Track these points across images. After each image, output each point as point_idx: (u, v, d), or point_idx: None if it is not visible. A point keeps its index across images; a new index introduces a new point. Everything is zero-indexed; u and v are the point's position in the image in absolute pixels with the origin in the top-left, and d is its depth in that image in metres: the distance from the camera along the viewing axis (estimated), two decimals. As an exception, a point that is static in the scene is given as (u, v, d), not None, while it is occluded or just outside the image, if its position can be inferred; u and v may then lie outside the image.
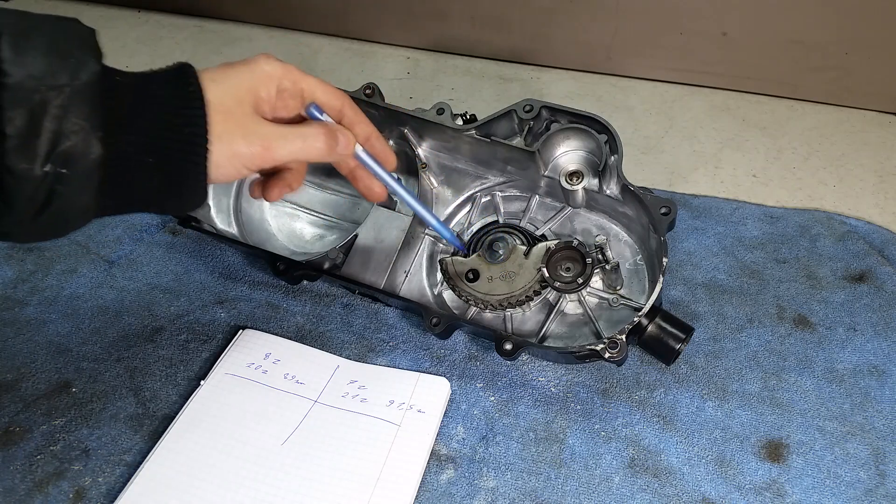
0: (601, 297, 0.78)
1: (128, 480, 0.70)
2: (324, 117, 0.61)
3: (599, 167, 0.77)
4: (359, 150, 0.63)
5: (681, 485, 0.69)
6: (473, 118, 0.82)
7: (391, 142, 0.85)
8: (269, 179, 0.63)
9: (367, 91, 0.83)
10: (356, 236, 0.81)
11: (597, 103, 1.07)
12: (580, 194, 0.80)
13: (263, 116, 0.57)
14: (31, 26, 0.46)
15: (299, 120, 0.62)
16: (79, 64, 0.47)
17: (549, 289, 0.78)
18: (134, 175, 0.50)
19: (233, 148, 0.54)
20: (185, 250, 0.90)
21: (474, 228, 0.84)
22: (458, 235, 0.80)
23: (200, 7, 1.22)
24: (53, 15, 0.48)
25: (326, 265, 0.80)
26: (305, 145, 0.58)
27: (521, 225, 0.83)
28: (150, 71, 0.53)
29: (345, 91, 0.63)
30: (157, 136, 0.50)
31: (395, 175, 0.67)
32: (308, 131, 0.59)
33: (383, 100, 0.84)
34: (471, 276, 0.78)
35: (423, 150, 0.84)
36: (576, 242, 0.77)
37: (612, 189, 0.78)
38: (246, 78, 0.56)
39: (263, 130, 0.56)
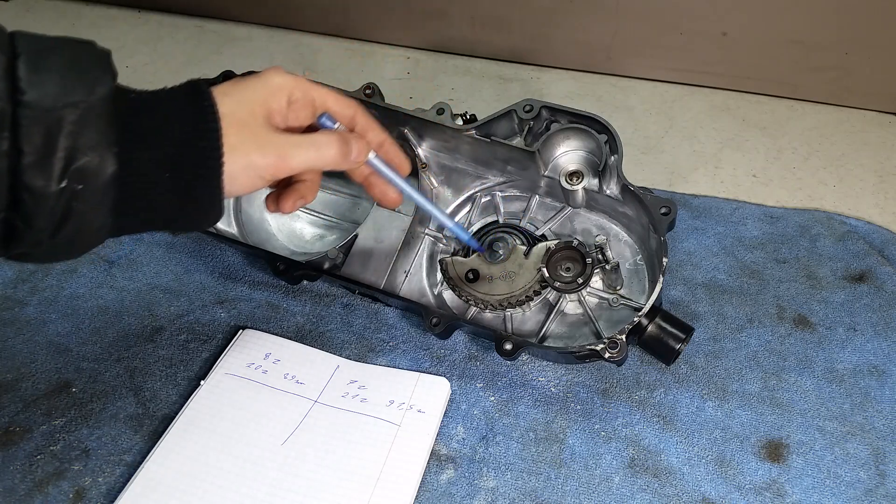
0: (601, 297, 0.78)
1: (128, 480, 0.70)
2: (336, 126, 0.61)
3: (599, 167, 0.77)
4: (372, 156, 0.63)
5: (681, 485, 0.69)
6: (473, 118, 0.82)
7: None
8: (282, 191, 0.63)
9: (367, 91, 0.83)
10: (356, 236, 0.81)
11: (597, 103, 1.07)
12: (580, 194, 0.80)
13: (276, 127, 0.58)
14: (47, 47, 0.47)
15: (311, 130, 0.62)
16: (94, 81, 0.47)
17: (549, 289, 0.78)
18: (149, 191, 0.50)
19: (248, 159, 0.54)
20: (185, 250, 0.90)
21: (474, 228, 0.84)
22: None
23: (200, 7, 1.22)
24: (70, 37, 0.49)
25: (326, 265, 0.80)
26: (319, 153, 0.58)
27: (521, 225, 0.83)
28: (164, 88, 0.53)
29: (355, 98, 0.64)
30: (171, 151, 0.50)
31: (410, 180, 0.67)
32: (321, 139, 0.59)
33: (383, 100, 0.84)
34: (471, 276, 0.78)
35: (423, 150, 0.84)
36: (576, 242, 0.77)
37: (612, 189, 0.78)
38: (257, 90, 0.57)
39: (277, 140, 0.56)
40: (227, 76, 0.87)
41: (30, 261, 0.50)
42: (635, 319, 0.70)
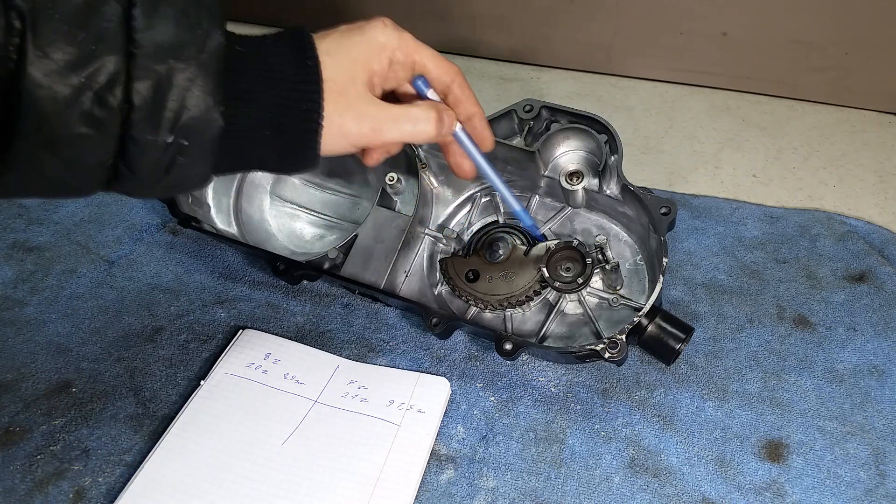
0: (601, 297, 0.78)
1: (128, 480, 0.70)
2: (429, 93, 0.61)
3: (599, 167, 0.77)
4: (458, 129, 0.63)
5: (681, 485, 0.69)
6: (473, 118, 0.82)
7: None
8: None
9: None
10: (356, 236, 0.81)
11: (597, 103, 1.07)
12: (580, 194, 0.80)
13: (374, 90, 0.58)
14: None
15: (402, 96, 0.62)
16: (205, 36, 0.47)
17: (549, 289, 0.78)
18: (251, 145, 0.52)
19: (343, 128, 0.54)
20: (185, 250, 0.90)
21: (474, 228, 0.84)
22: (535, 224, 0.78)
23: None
24: None
25: (326, 265, 0.80)
26: (415, 129, 0.58)
27: (521, 225, 0.83)
28: (270, 36, 0.53)
29: (455, 65, 0.63)
30: (274, 111, 0.51)
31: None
32: (419, 114, 0.59)
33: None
34: (471, 276, 0.78)
35: (423, 150, 0.84)
36: (576, 242, 0.77)
37: (612, 189, 0.78)
38: (361, 50, 0.56)
39: (374, 112, 0.56)
40: None
41: (131, 195, 0.51)
42: (635, 319, 0.70)
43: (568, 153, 0.80)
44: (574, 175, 0.78)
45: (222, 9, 0.50)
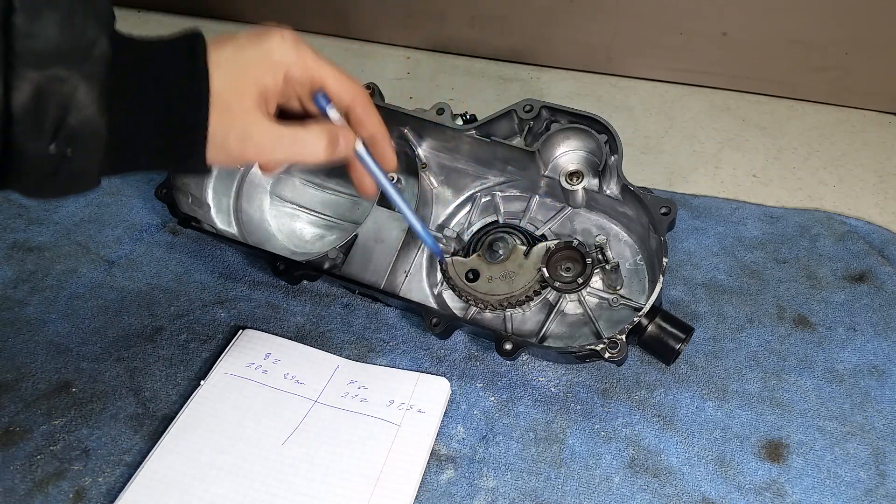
0: (601, 297, 0.78)
1: (128, 480, 0.70)
2: (329, 110, 0.59)
3: (599, 167, 0.77)
4: (359, 147, 0.62)
5: (681, 485, 0.69)
6: (473, 118, 0.82)
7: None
8: None
9: (367, 91, 0.83)
10: (356, 236, 0.81)
11: (597, 103, 1.07)
12: (580, 194, 0.80)
13: (267, 106, 0.56)
14: (45, 1, 0.45)
15: (301, 110, 0.60)
16: (90, 43, 0.46)
17: (549, 289, 0.78)
18: (137, 151, 0.51)
19: (226, 146, 0.53)
20: (185, 250, 0.90)
21: (474, 228, 0.84)
22: (438, 241, 0.77)
23: (200, 7, 1.22)
24: None
25: (326, 265, 0.80)
26: (303, 152, 0.57)
27: (521, 225, 0.83)
28: (163, 40, 0.52)
29: (358, 83, 0.61)
30: (160, 120, 0.50)
31: (393, 176, 0.66)
32: (307, 137, 0.57)
33: (383, 100, 0.84)
34: (471, 276, 0.78)
35: (423, 150, 0.84)
36: (576, 242, 0.77)
37: (612, 189, 0.78)
38: (253, 65, 0.54)
39: (259, 134, 0.55)
40: None
41: (20, 195, 0.50)
42: (635, 319, 0.70)
43: (568, 153, 0.80)
44: (574, 175, 0.78)
45: (111, 10, 0.49)
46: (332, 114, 0.59)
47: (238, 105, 0.53)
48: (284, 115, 0.60)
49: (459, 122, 0.81)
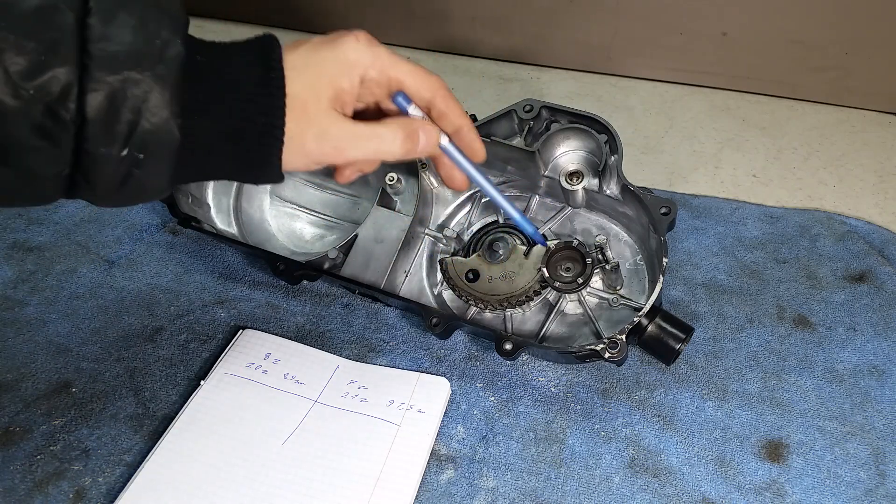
0: (601, 297, 0.78)
1: (128, 480, 0.70)
2: (411, 108, 0.58)
3: (599, 167, 0.77)
4: (444, 141, 0.61)
5: (681, 485, 0.69)
6: (473, 118, 0.82)
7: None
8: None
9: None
10: (356, 236, 0.81)
11: (597, 103, 1.07)
12: (580, 194, 0.80)
13: (343, 108, 0.55)
14: (119, 4, 0.45)
15: (379, 112, 0.60)
16: (164, 45, 0.46)
17: (549, 289, 0.78)
18: (209, 157, 0.50)
19: (304, 147, 0.53)
20: (185, 250, 0.90)
21: (474, 228, 0.84)
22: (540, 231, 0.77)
23: (200, 7, 1.22)
24: None
25: (326, 265, 0.80)
26: (381, 148, 0.56)
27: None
28: (236, 44, 0.52)
29: (437, 77, 0.60)
30: (234, 124, 0.49)
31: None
32: (385, 133, 0.56)
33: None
34: (471, 276, 0.78)
35: (423, 150, 0.84)
36: (576, 242, 0.77)
37: (612, 189, 0.78)
38: (329, 67, 0.54)
39: (337, 131, 0.54)
40: None
41: (88, 202, 0.50)
42: (635, 319, 0.70)
43: (568, 153, 0.80)
44: (574, 175, 0.78)
45: (185, 14, 0.48)
46: (414, 111, 0.59)
47: (315, 106, 0.53)
48: (360, 119, 0.59)
49: (459, 122, 0.81)
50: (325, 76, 0.53)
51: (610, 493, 0.69)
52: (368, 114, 0.60)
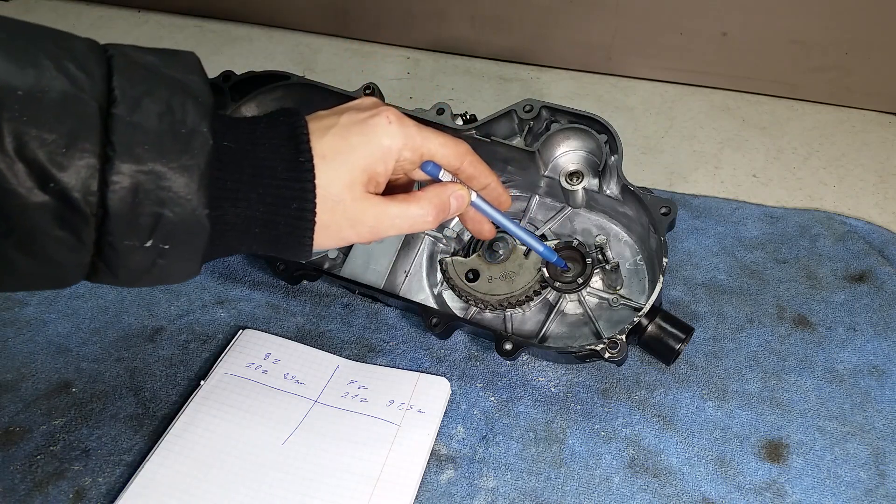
0: (601, 297, 0.78)
1: (128, 480, 0.70)
2: (441, 174, 0.60)
3: (599, 167, 0.77)
4: (474, 198, 0.63)
5: (681, 485, 0.69)
6: (473, 118, 0.82)
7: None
8: None
9: (367, 91, 0.83)
10: (356, 236, 0.81)
11: (597, 103, 1.07)
12: (580, 194, 0.80)
13: (377, 189, 0.55)
14: (145, 91, 0.44)
15: (409, 183, 0.61)
16: (190, 134, 0.45)
17: (549, 289, 0.78)
18: (239, 240, 0.50)
19: (340, 234, 0.53)
20: (185, 250, 0.90)
21: (474, 228, 0.84)
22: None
23: (200, 7, 1.22)
24: (169, 74, 0.46)
25: (326, 265, 0.80)
26: (415, 225, 0.57)
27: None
28: (261, 124, 0.51)
29: (464, 140, 0.62)
30: (264, 209, 0.49)
31: (508, 215, 0.68)
32: (418, 212, 0.56)
33: (383, 100, 0.84)
34: (471, 276, 0.78)
35: (423, 150, 0.84)
36: (576, 242, 0.77)
37: (612, 189, 0.78)
38: (361, 156, 0.53)
39: (371, 217, 0.54)
40: (227, 77, 0.87)
41: (113, 285, 0.49)
42: (635, 319, 0.70)
43: (568, 153, 0.81)
44: (574, 175, 0.78)
45: (211, 94, 0.48)
46: (444, 177, 0.60)
47: (349, 195, 0.52)
48: (391, 188, 0.60)
49: (459, 122, 0.81)
50: (358, 165, 0.53)
51: (610, 493, 0.69)
52: (399, 182, 0.61)
